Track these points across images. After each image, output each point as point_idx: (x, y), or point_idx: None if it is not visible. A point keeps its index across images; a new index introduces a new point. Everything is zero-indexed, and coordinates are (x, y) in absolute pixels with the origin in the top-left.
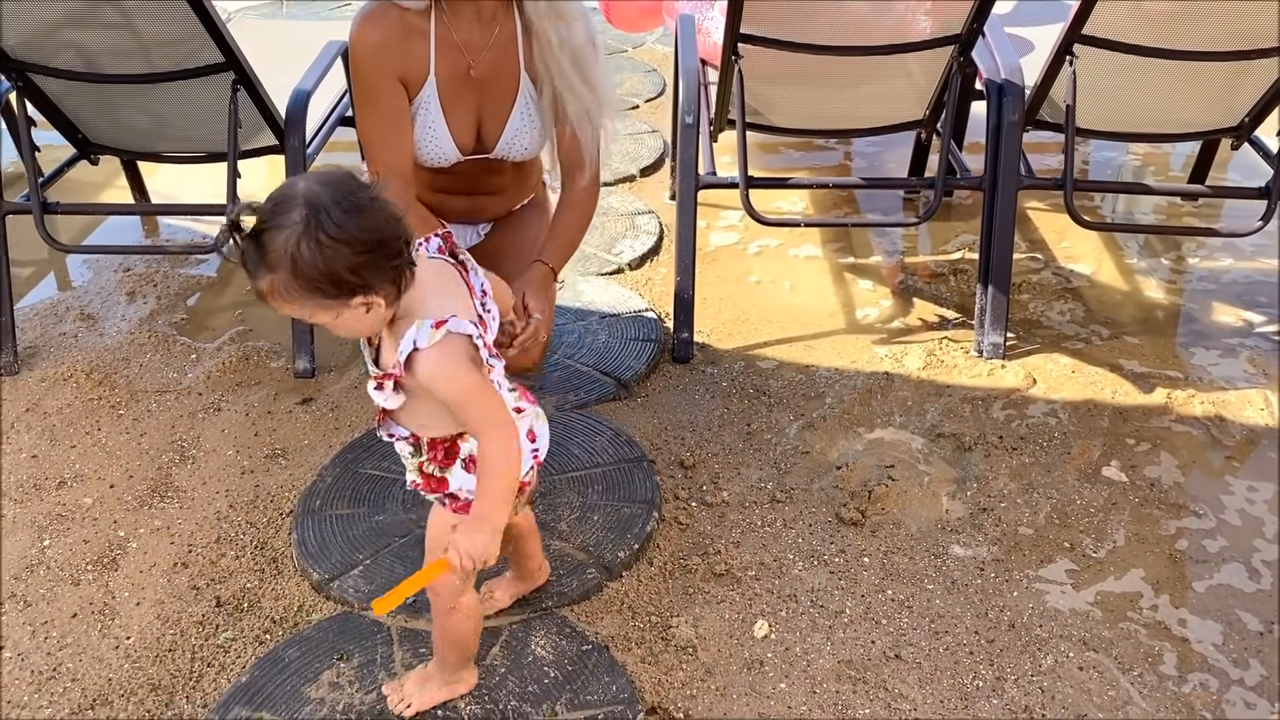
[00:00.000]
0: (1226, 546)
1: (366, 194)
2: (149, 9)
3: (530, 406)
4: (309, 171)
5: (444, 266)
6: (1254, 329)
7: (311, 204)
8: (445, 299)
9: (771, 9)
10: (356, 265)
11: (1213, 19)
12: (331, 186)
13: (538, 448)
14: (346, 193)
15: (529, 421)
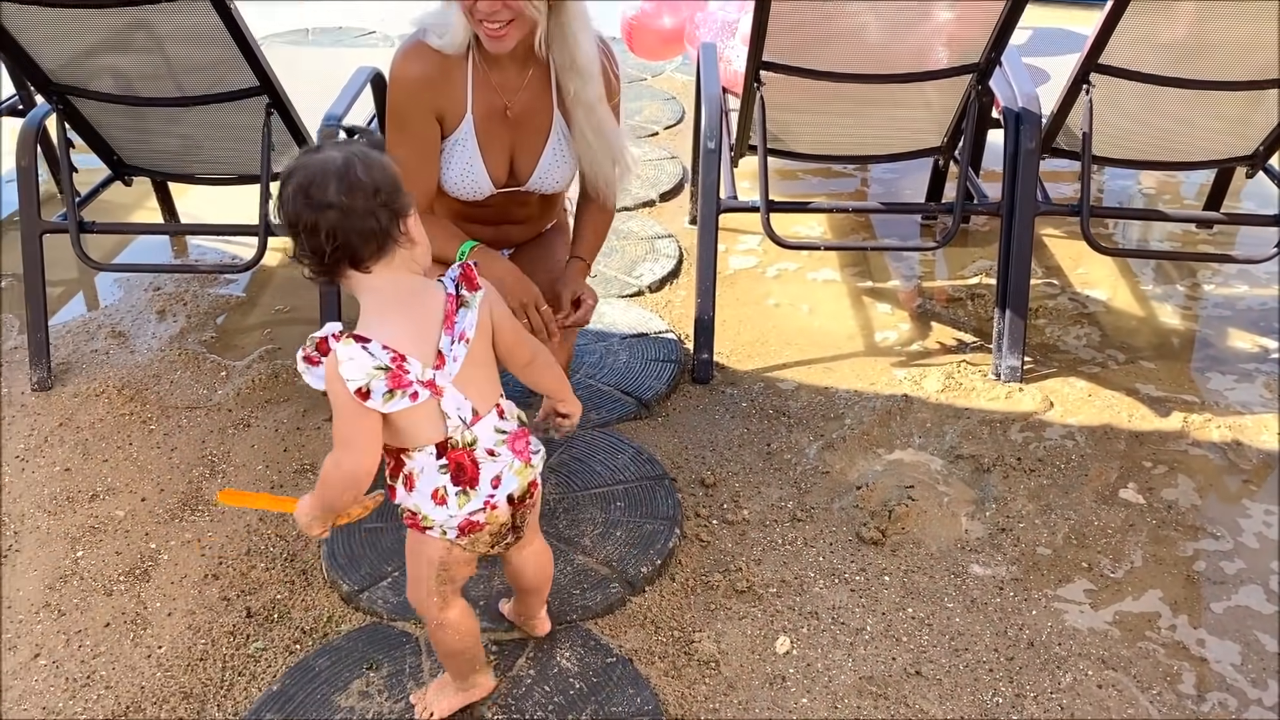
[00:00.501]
0: (1244, 568)
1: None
2: (188, 34)
3: (508, 455)
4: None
5: (424, 293)
6: (1269, 354)
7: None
8: (383, 320)
9: (793, 38)
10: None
11: (1227, 49)
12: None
13: (495, 494)
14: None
15: (497, 468)
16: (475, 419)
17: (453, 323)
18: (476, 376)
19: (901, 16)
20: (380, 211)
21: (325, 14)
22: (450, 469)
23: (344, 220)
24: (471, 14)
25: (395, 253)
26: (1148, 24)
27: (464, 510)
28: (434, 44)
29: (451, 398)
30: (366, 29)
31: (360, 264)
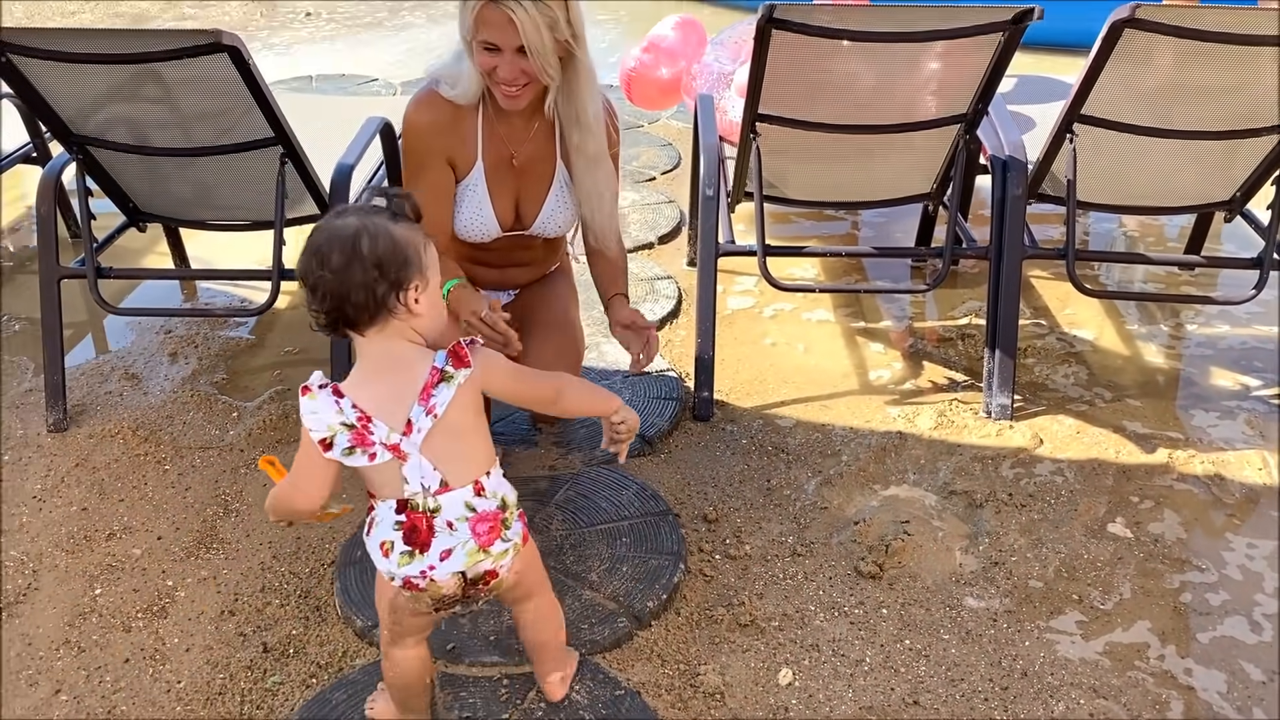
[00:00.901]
0: (1229, 600)
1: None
2: (207, 88)
3: (465, 534)
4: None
5: (412, 362)
6: (1251, 392)
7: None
8: (364, 381)
9: (788, 91)
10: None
11: (1203, 101)
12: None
13: (439, 566)
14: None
15: (450, 543)
16: (444, 489)
17: (429, 395)
18: (455, 450)
19: (892, 70)
20: (378, 284)
21: (326, 62)
22: (404, 527)
23: (339, 288)
24: (490, 75)
25: (390, 322)
26: (1127, 75)
27: (403, 569)
28: (446, 94)
29: (415, 464)
30: (369, 77)
31: (354, 327)
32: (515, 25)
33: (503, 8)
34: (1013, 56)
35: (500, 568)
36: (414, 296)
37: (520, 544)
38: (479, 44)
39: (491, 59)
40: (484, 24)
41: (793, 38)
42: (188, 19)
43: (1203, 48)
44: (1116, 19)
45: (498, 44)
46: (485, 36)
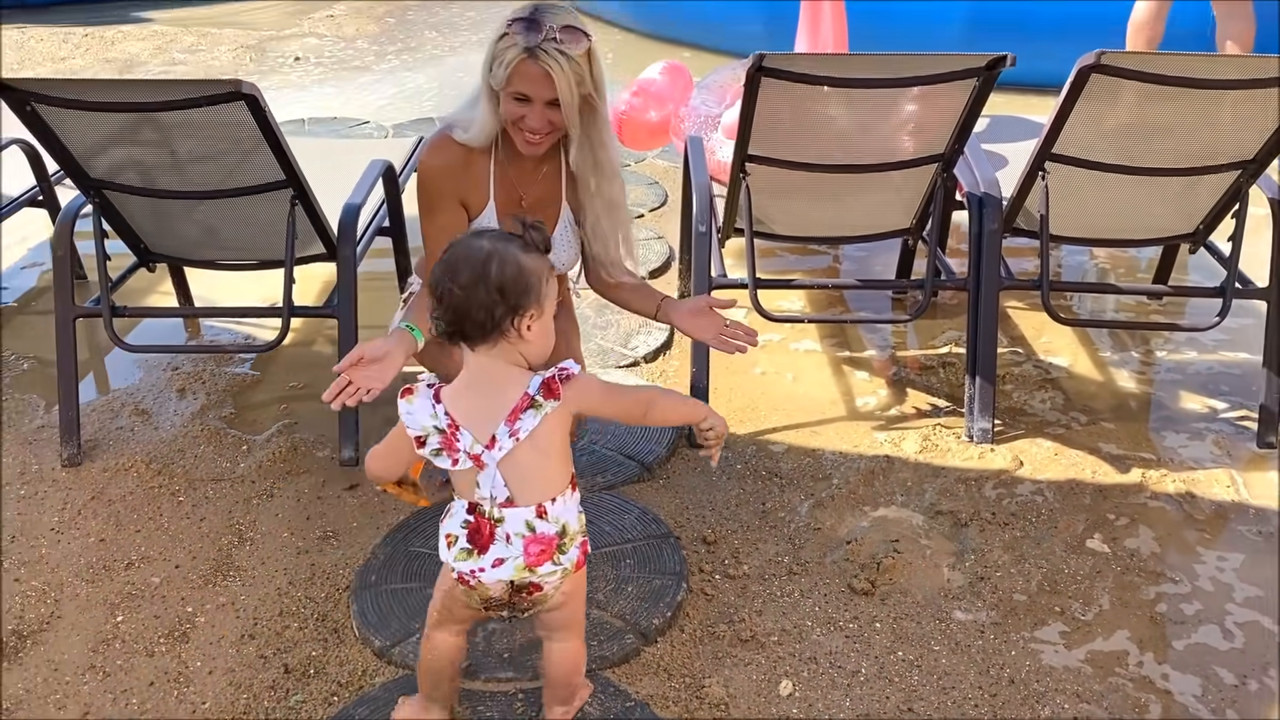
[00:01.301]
0: (1201, 609)
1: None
2: (223, 133)
3: (519, 549)
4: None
5: (509, 383)
6: (1219, 415)
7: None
8: (464, 392)
9: (776, 133)
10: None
11: (1166, 139)
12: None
13: (489, 571)
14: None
15: (505, 553)
16: (509, 504)
17: (516, 418)
18: (529, 472)
19: (873, 113)
20: (497, 307)
21: (317, 105)
22: (470, 527)
23: (463, 304)
24: (515, 124)
25: (501, 343)
26: (1095, 117)
27: (459, 564)
28: (460, 138)
29: (490, 476)
30: (360, 119)
31: (468, 341)
32: (552, 80)
33: (542, 63)
34: (987, 99)
35: (547, 584)
36: (527, 323)
37: (572, 569)
38: (510, 94)
39: (520, 109)
40: (521, 76)
41: (780, 84)
42: (178, 64)
43: (1164, 91)
44: (1084, 64)
45: (530, 95)
46: (519, 88)
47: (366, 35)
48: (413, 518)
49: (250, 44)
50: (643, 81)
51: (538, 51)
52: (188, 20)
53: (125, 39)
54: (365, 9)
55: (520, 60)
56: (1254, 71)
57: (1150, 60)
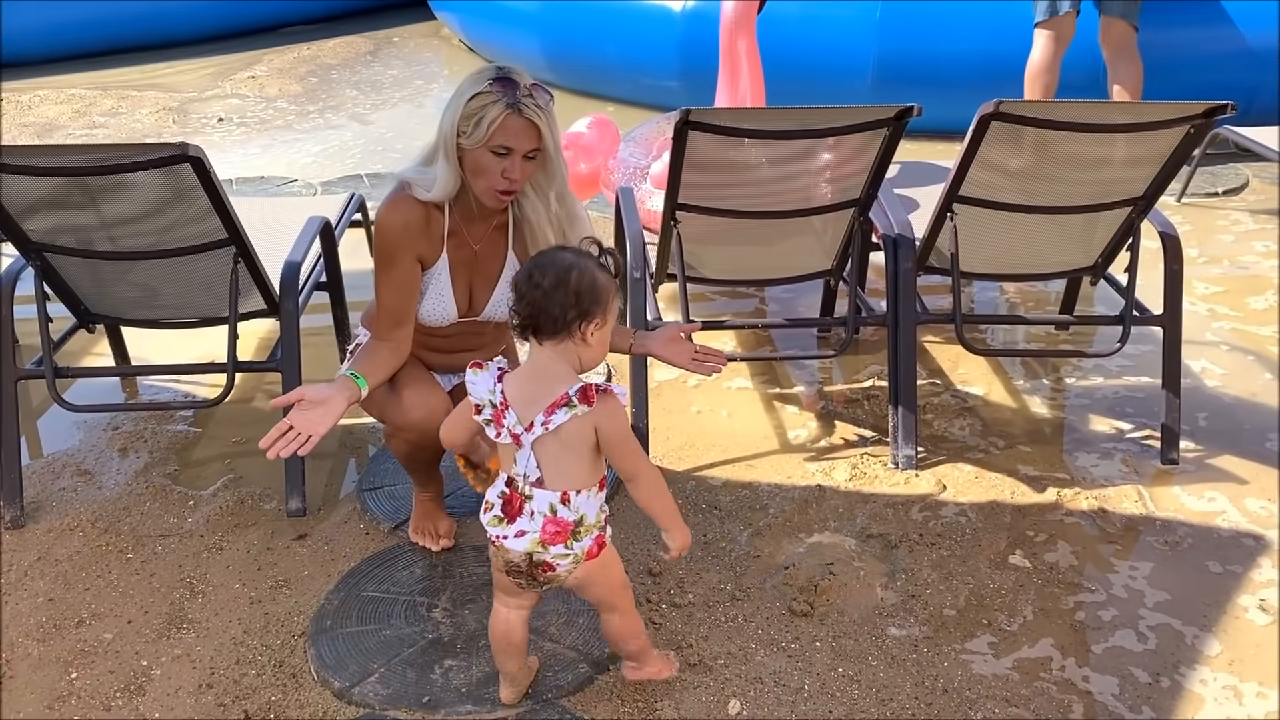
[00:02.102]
0: (1117, 615)
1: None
2: (168, 194)
3: (537, 527)
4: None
5: (558, 379)
6: (1125, 435)
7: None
8: (520, 377)
9: (704, 183)
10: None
11: (1064, 180)
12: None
13: (510, 541)
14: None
15: (526, 527)
16: (539, 485)
17: (552, 411)
18: (558, 461)
19: (793, 163)
20: (570, 309)
21: (243, 165)
22: (505, 497)
23: (542, 302)
24: (488, 177)
25: (564, 342)
26: (997, 161)
27: (490, 529)
28: (421, 196)
29: (525, 455)
30: (288, 178)
31: (538, 335)
32: (537, 130)
33: (526, 115)
34: (897, 147)
35: (559, 566)
36: (592, 329)
37: (583, 558)
38: (489, 148)
39: (501, 162)
40: (505, 131)
41: (706, 137)
42: (99, 127)
43: (1060, 135)
44: (984, 113)
45: (513, 148)
46: (503, 142)
47: (289, 95)
48: (364, 563)
49: (172, 106)
50: (571, 135)
51: (520, 106)
52: (107, 83)
53: (42, 103)
54: (287, 69)
55: (505, 115)
56: (1141, 116)
57: (1046, 108)
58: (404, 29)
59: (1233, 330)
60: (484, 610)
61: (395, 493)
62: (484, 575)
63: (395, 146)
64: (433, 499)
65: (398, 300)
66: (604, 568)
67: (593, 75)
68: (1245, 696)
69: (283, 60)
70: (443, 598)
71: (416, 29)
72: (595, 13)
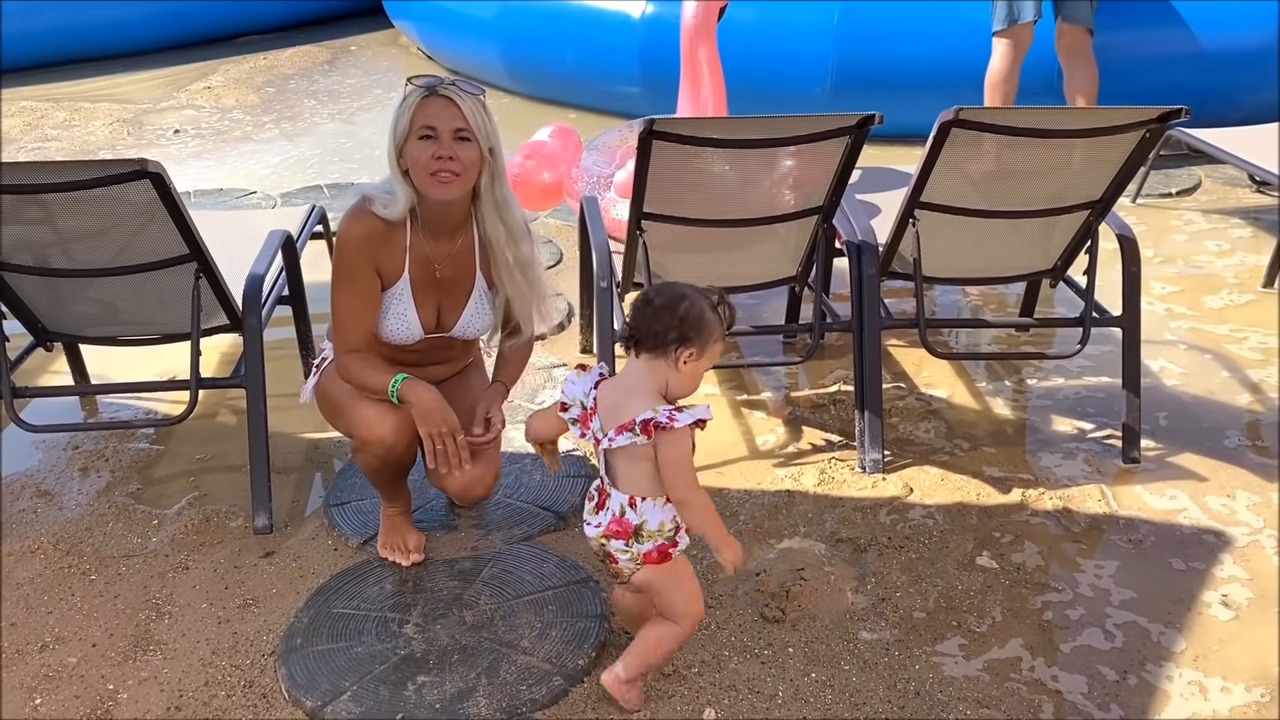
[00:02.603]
0: (1084, 614)
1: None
2: (127, 210)
3: (601, 522)
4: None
5: (639, 396)
6: (1087, 435)
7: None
8: (614, 386)
9: (668, 193)
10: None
11: (1023, 185)
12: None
13: (589, 522)
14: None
15: (599, 519)
16: (614, 486)
17: (621, 431)
18: (625, 470)
19: (757, 171)
20: (671, 331)
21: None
22: (599, 489)
23: (651, 320)
24: (425, 165)
25: (658, 362)
26: (957, 167)
27: (585, 515)
28: (380, 212)
29: (602, 458)
30: (247, 190)
31: (637, 347)
32: (456, 106)
33: (443, 93)
34: (859, 154)
35: (620, 560)
36: (685, 358)
37: (640, 560)
38: (416, 135)
39: (428, 146)
40: (423, 112)
41: (670, 146)
42: (52, 140)
43: (1019, 141)
44: (944, 120)
45: (436, 126)
46: (425, 122)
47: (245, 105)
48: (333, 580)
49: (126, 118)
50: (534, 144)
51: (435, 88)
52: (59, 95)
53: None
54: (244, 79)
55: (421, 98)
56: (1098, 121)
57: (1005, 114)
58: (361, 38)
59: (1190, 329)
60: (455, 625)
61: (363, 507)
62: (455, 590)
63: (354, 156)
64: (401, 513)
65: (360, 312)
66: (666, 575)
67: (552, 82)
68: (1210, 691)
69: (239, 70)
70: (414, 613)
71: (374, 38)
72: (554, 19)
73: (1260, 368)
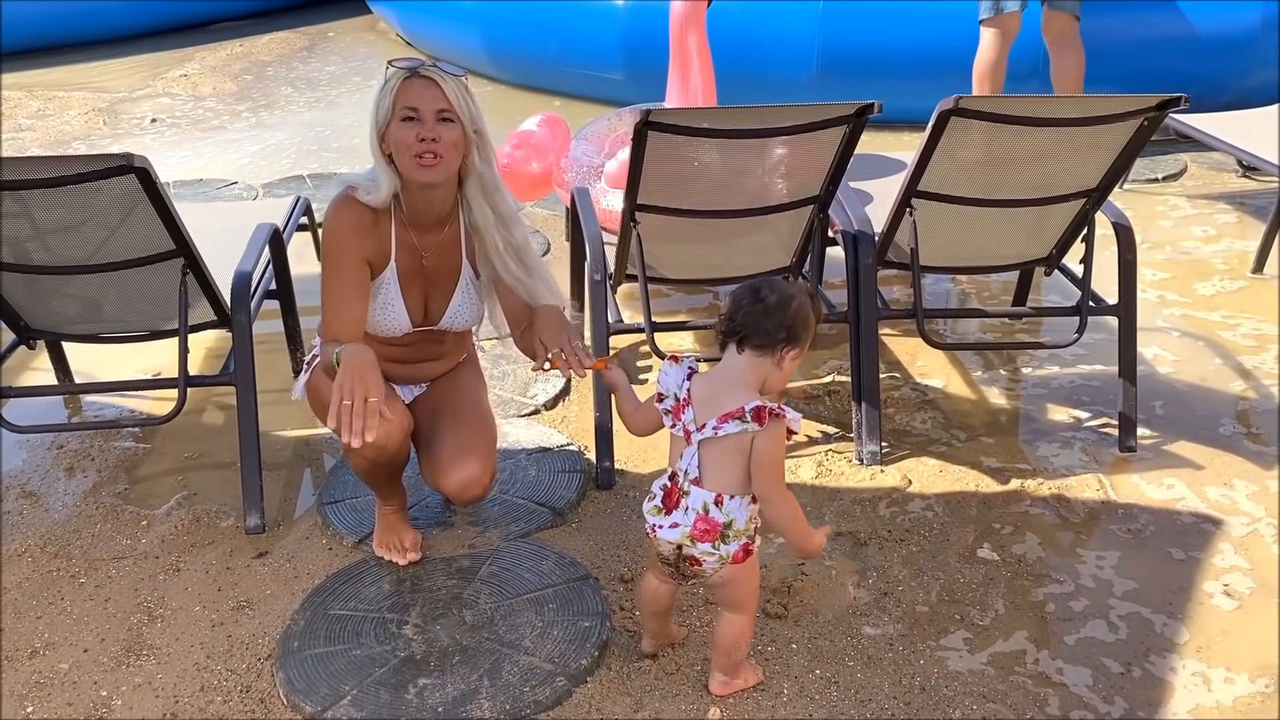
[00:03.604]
0: (1087, 605)
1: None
2: (112, 205)
3: (687, 524)
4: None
5: (736, 391)
6: (1083, 424)
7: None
8: (708, 380)
9: (663, 184)
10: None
11: (1019, 173)
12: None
13: (664, 531)
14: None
15: (678, 520)
16: (697, 483)
17: (725, 420)
18: (717, 465)
19: (753, 161)
20: (779, 330)
21: (178, 167)
22: (666, 489)
23: (760, 317)
24: (409, 148)
25: (761, 359)
26: (954, 156)
27: (649, 517)
28: (363, 199)
29: (691, 452)
30: (227, 180)
31: (740, 343)
32: (438, 86)
33: (424, 74)
34: (857, 144)
35: (705, 562)
36: (790, 355)
37: (728, 560)
38: (399, 118)
39: (411, 128)
40: (405, 93)
41: (666, 137)
42: (25, 130)
43: (1017, 129)
44: (943, 109)
45: (418, 107)
46: (407, 103)
47: (223, 94)
48: (329, 580)
49: (101, 107)
50: (522, 133)
51: (417, 70)
52: (32, 84)
53: None
54: (220, 66)
55: (403, 80)
56: (1096, 110)
57: (1003, 103)
58: (339, 24)
59: (1183, 316)
60: (455, 625)
61: (357, 505)
62: (453, 589)
63: (334, 144)
64: (396, 511)
65: (350, 301)
66: (747, 572)
67: (535, 69)
68: (1214, 683)
69: (215, 58)
70: (413, 613)
71: (352, 23)
72: (536, 5)
73: (1253, 354)
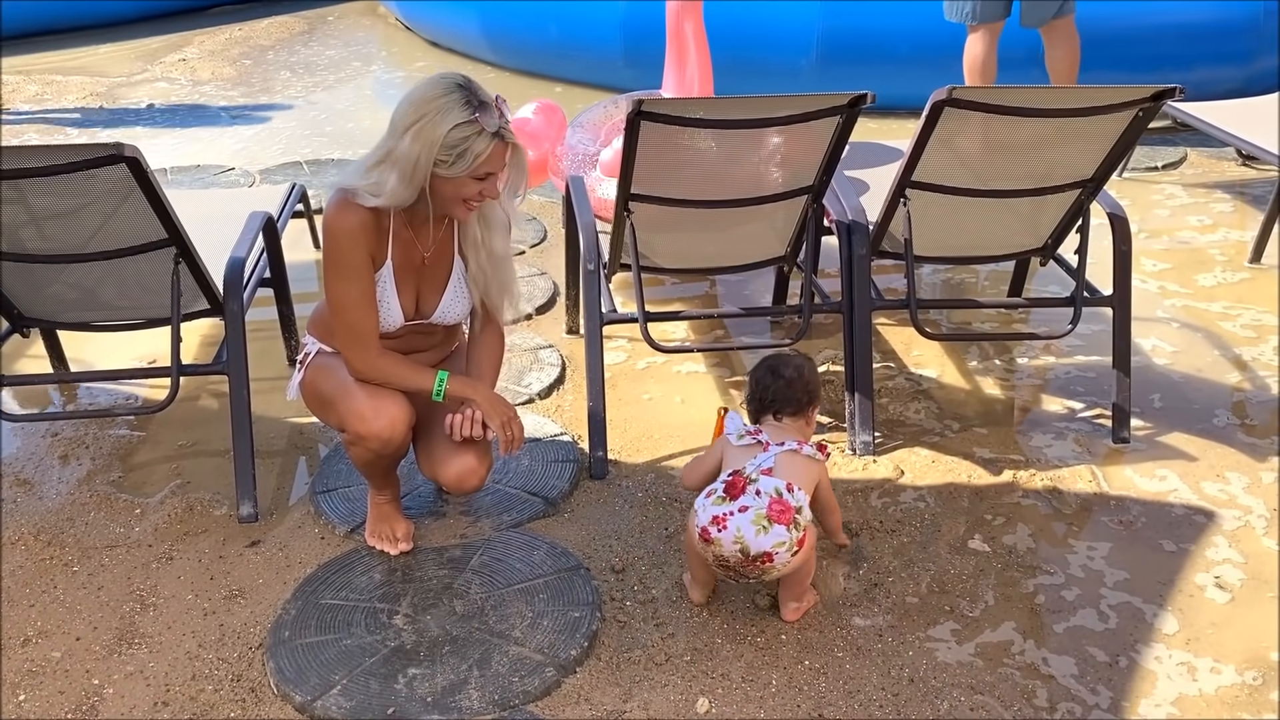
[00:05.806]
0: (1078, 596)
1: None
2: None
3: (762, 506)
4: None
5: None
6: (1077, 415)
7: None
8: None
9: (656, 173)
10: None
11: (1014, 164)
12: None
13: (731, 513)
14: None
15: (750, 504)
16: (768, 472)
17: (801, 445)
18: (791, 467)
19: (747, 151)
20: (804, 397)
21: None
22: (728, 483)
23: (784, 391)
24: (465, 197)
25: (799, 420)
26: (948, 147)
27: (712, 509)
28: (369, 203)
29: (765, 455)
30: (225, 166)
31: (780, 413)
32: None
33: (508, 140)
34: (851, 134)
35: (777, 556)
36: (815, 411)
37: (797, 546)
38: (473, 175)
39: (479, 185)
40: (492, 160)
41: (658, 127)
42: (23, 116)
43: (1011, 120)
44: (937, 99)
45: (494, 172)
46: (489, 169)
47: (221, 78)
48: (320, 570)
49: (100, 91)
50: (518, 121)
51: (503, 133)
52: (30, 68)
53: None
54: (219, 51)
55: (495, 146)
56: (1091, 100)
57: (998, 94)
58: (338, 7)
59: (1183, 307)
60: (446, 615)
61: (350, 495)
62: (444, 579)
63: (332, 131)
64: (389, 501)
65: (364, 303)
66: (811, 555)
67: (535, 55)
68: (1199, 672)
69: (214, 42)
70: (403, 603)
71: (351, 7)
72: None
73: (1252, 345)
